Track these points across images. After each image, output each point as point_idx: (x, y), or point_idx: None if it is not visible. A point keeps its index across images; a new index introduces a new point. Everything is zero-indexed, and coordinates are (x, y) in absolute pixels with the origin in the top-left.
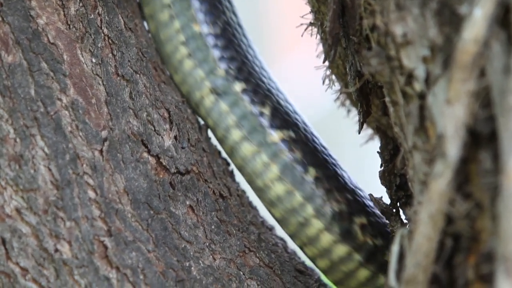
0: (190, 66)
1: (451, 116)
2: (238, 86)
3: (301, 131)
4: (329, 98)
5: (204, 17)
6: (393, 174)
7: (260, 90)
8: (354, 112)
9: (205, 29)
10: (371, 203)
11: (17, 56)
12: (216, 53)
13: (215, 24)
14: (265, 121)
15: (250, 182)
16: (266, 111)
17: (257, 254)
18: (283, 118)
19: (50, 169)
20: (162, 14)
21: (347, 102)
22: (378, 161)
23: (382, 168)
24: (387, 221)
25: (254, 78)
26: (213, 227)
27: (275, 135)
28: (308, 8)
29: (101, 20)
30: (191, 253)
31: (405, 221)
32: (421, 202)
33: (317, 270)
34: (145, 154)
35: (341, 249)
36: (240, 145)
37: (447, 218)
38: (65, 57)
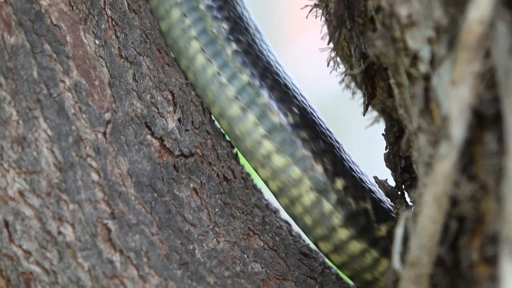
0: (196, 48)
1: (456, 97)
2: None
3: (308, 115)
4: (337, 81)
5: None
6: (398, 156)
7: (268, 74)
8: (359, 94)
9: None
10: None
11: (20, 37)
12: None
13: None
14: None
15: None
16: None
17: (261, 237)
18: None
19: (53, 152)
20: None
21: (352, 84)
22: (383, 143)
23: (387, 150)
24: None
25: (262, 62)
26: (217, 210)
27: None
28: None
29: (104, 1)
30: (195, 236)
31: (410, 203)
32: (425, 184)
33: (322, 254)
34: (149, 137)
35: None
36: (252, 132)
37: (451, 200)
38: (68, 38)
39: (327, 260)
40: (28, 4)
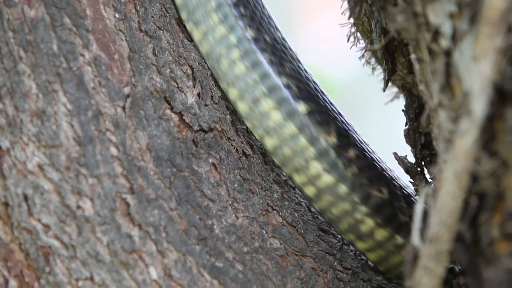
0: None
1: (477, 73)
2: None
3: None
4: (357, 58)
5: None
6: (418, 132)
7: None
8: (379, 70)
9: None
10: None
11: (40, 10)
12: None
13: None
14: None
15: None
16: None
17: (280, 213)
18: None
19: (72, 126)
20: None
21: (372, 60)
22: (403, 119)
23: (407, 126)
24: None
25: (277, 50)
26: (236, 185)
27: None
28: None
29: None
30: (214, 212)
31: (429, 180)
32: (446, 161)
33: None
34: (168, 111)
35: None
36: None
37: (472, 177)
38: (88, 12)
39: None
40: None
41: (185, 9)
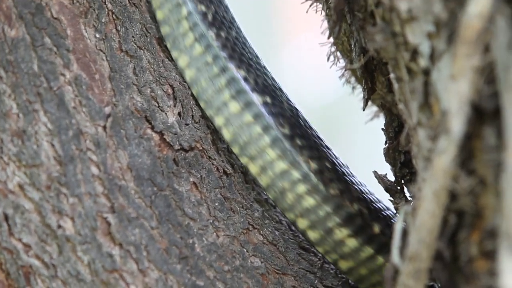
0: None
1: (455, 91)
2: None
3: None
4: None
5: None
6: (398, 151)
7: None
8: (359, 89)
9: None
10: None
11: (20, 30)
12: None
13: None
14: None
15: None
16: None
17: (261, 232)
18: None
19: (53, 145)
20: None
21: (352, 79)
22: (383, 138)
23: (387, 145)
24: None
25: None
26: (216, 204)
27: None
28: None
29: None
30: (195, 230)
31: (409, 198)
32: (425, 179)
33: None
34: (149, 131)
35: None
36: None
37: (451, 195)
38: (68, 32)
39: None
40: None
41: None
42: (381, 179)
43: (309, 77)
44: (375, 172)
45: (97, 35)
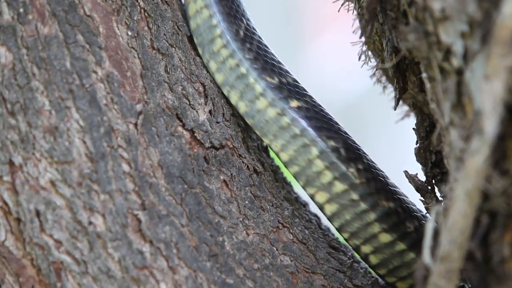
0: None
1: (489, 92)
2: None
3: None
4: (366, 75)
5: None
6: (429, 151)
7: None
8: (390, 88)
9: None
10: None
11: (53, 28)
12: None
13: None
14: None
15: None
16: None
17: (291, 230)
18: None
19: (84, 142)
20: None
21: (383, 79)
22: (414, 137)
23: (418, 145)
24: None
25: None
26: (247, 202)
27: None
28: None
29: None
30: (225, 228)
31: (440, 198)
32: (457, 179)
33: (351, 247)
34: (180, 128)
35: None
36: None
37: (483, 195)
38: (101, 29)
39: (356, 254)
40: None
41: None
42: (412, 179)
43: (334, 74)
44: (406, 172)
45: (129, 33)
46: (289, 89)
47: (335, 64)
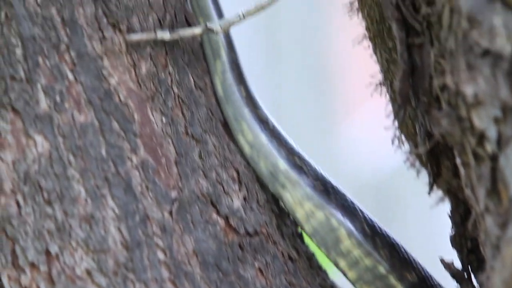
0: None
1: None
2: None
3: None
4: (397, 157)
5: None
6: (464, 237)
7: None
8: (424, 173)
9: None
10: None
11: (89, 115)
12: None
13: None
14: None
15: None
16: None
17: None
18: None
19: (120, 230)
20: None
21: (417, 163)
22: (448, 223)
23: (453, 232)
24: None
25: None
26: None
27: None
28: (376, 66)
29: (171, 79)
30: None
31: (476, 286)
32: (493, 267)
33: None
34: (214, 215)
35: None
36: None
37: None
38: (136, 116)
39: None
40: (98, 82)
41: None
42: (448, 266)
43: (367, 151)
44: (441, 259)
45: (164, 119)
46: None
47: (368, 144)
